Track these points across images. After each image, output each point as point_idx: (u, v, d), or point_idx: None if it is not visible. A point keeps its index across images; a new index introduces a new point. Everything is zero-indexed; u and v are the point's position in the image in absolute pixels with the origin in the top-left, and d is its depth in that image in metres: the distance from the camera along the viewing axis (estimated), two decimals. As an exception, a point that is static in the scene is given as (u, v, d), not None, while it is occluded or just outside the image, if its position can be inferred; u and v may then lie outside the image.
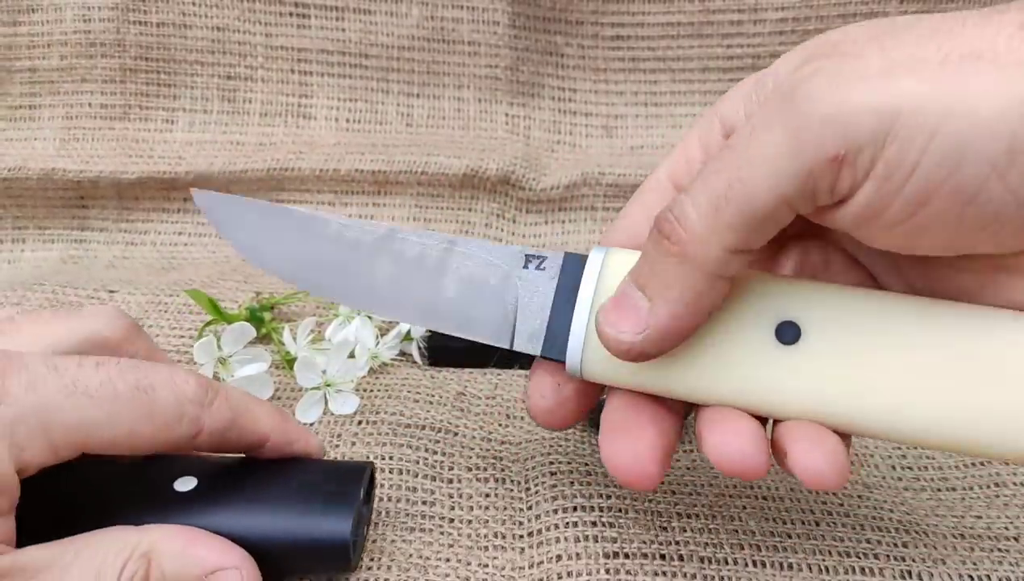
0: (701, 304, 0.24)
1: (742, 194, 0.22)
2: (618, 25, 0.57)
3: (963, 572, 0.30)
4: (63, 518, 0.29)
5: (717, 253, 0.23)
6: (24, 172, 0.55)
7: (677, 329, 0.24)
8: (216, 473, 0.30)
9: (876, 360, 0.24)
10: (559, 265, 0.27)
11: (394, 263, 0.29)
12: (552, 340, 0.27)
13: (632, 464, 0.25)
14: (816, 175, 0.22)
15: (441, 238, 0.29)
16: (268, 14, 0.57)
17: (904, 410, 0.24)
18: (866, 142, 0.21)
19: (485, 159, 0.56)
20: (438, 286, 0.28)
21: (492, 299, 0.28)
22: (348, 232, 0.29)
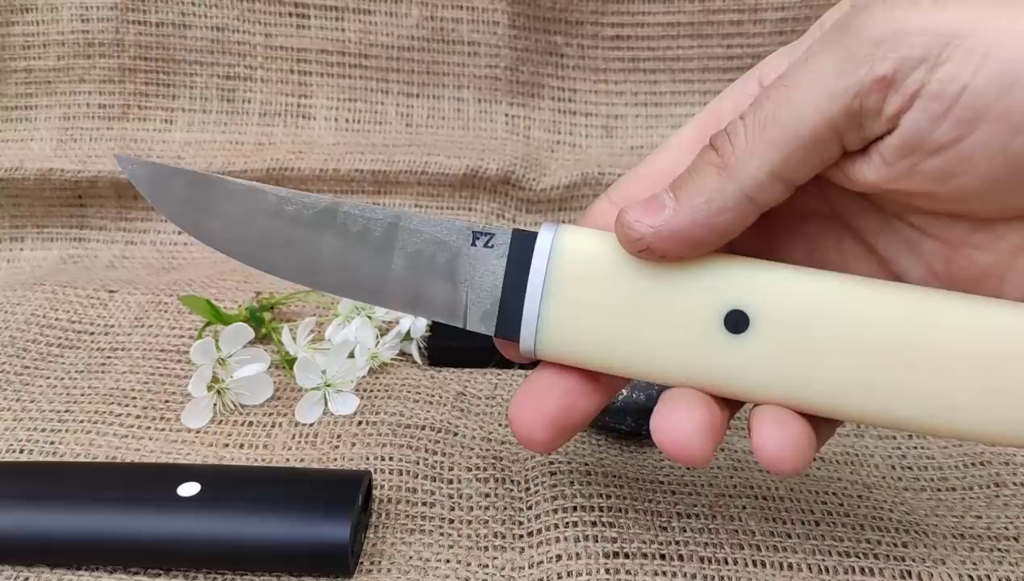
0: (720, 220, 0.24)
1: (788, 114, 0.23)
2: (618, 25, 0.57)
3: (963, 572, 0.30)
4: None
5: (755, 172, 0.23)
6: (21, 172, 0.55)
7: (689, 235, 0.24)
8: (218, 479, 0.30)
9: (826, 347, 0.24)
10: (507, 242, 0.26)
11: (338, 238, 0.27)
12: (505, 320, 0.26)
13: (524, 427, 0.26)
14: (863, 95, 0.22)
15: (386, 213, 0.27)
16: (268, 14, 0.57)
17: (855, 397, 0.24)
18: (917, 62, 0.21)
19: (485, 159, 0.56)
20: (385, 263, 0.27)
21: (442, 277, 0.27)
22: (287, 206, 0.28)
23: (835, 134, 0.23)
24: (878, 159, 0.23)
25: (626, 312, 0.25)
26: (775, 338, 0.24)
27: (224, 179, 0.29)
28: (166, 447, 0.36)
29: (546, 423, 0.26)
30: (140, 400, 0.39)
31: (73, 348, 0.44)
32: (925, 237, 0.25)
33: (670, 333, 0.25)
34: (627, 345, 0.25)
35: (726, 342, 0.25)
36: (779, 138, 0.23)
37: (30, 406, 0.39)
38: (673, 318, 0.25)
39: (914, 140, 0.22)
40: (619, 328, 0.25)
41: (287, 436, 0.37)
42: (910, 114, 0.22)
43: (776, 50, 0.28)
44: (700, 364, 0.25)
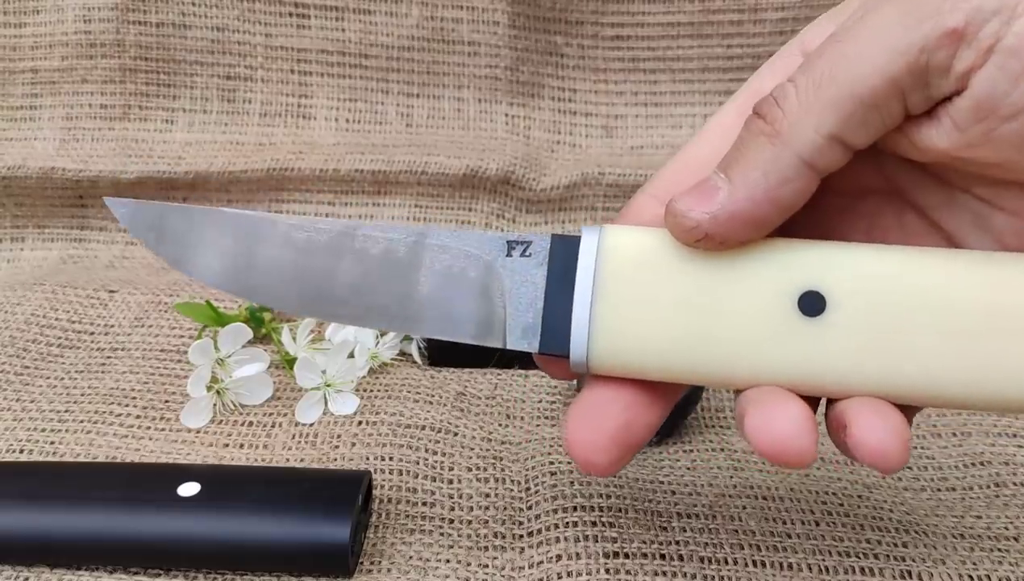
0: (782, 192, 0.22)
1: (847, 72, 0.21)
2: (618, 25, 0.57)
3: (963, 572, 0.30)
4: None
5: (812, 135, 0.21)
6: (23, 171, 0.55)
7: (750, 215, 0.22)
8: (218, 479, 0.31)
9: (909, 326, 0.22)
10: (546, 249, 0.24)
11: (356, 264, 0.25)
12: (550, 333, 0.24)
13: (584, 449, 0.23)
14: (930, 50, 0.20)
15: (409, 230, 0.25)
16: (268, 14, 0.57)
17: (944, 376, 0.22)
18: (991, 13, 0.19)
19: (485, 159, 0.56)
20: (410, 286, 0.25)
21: (475, 294, 0.25)
22: (298, 233, 0.25)
23: (898, 93, 0.21)
24: (948, 124, 0.21)
25: (687, 310, 0.23)
26: (856, 319, 0.22)
27: (223, 210, 0.27)
28: (166, 447, 0.36)
29: (608, 444, 0.23)
30: (140, 400, 0.39)
31: (73, 348, 0.44)
32: (994, 210, 0.23)
33: (739, 325, 0.23)
34: (691, 346, 0.23)
35: (802, 327, 0.22)
36: (836, 98, 0.21)
37: (30, 406, 0.39)
38: (741, 308, 0.23)
39: (989, 101, 0.20)
40: (681, 328, 0.23)
41: (287, 436, 0.37)
42: (984, 72, 0.20)
43: (778, 50, 0.27)
44: (776, 355, 0.23)
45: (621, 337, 0.23)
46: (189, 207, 0.27)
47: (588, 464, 0.24)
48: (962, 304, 0.22)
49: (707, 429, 0.38)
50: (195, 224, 0.26)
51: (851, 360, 0.22)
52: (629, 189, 0.56)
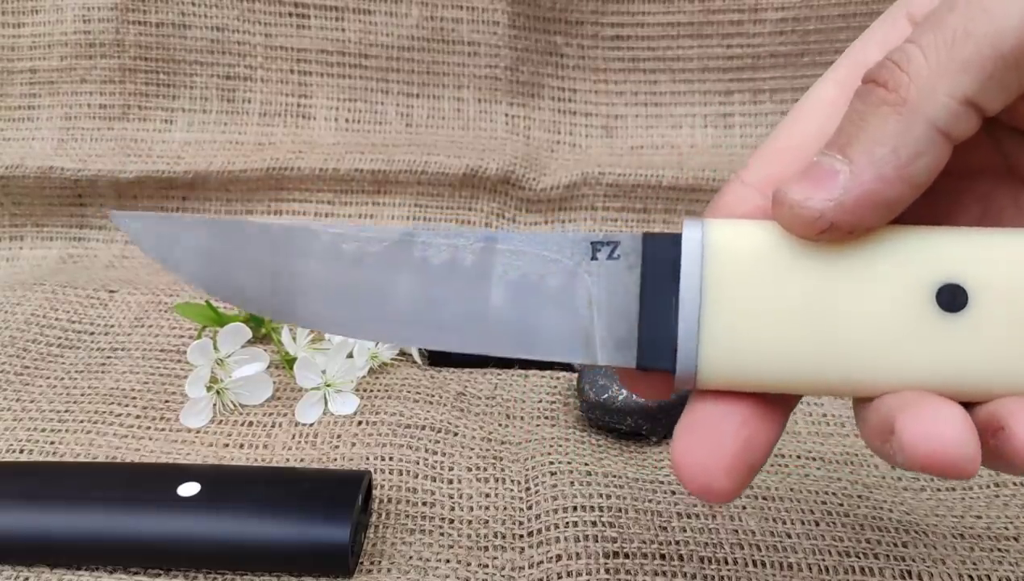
0: (915, 168, 0.19)
1: (985, 27, 0.19)
2: (618, 25, 0.57)
3: (963, 572, 0.30)
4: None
5: (945, 100, 0.19)
6: (21, 170, 0.55)
7: (881, 196, 0.20)
8: (218, 479, 0.31)
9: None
10: (638, 250, 0.22)
11: (417, 275, 0.22)
12: (650, 346, 0.21)
13: (700, 475, 0.21)
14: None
15: (476, 235, 0.22)
16: (268, 14, 0.57)
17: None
18: None
19: (485, 159, 0.56)
20: (482, 298, 0.22)
21: (557, 304, 0.22)
22: (346, 244, 0.22)
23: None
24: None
25: (809, 312, 0.21)
26: (1003, 313, 0.20)
27: (251, 221, 0.24)
28: (166, 447, 0.36)
29: (729, 466, 0.20)
30: (140, 400, 0.39)
31: (73, 348, 0.44)
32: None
33: (869, 326, 0.20)
34: (815, 352, 0.21)
35: (943, 323, 0.20)
36: (975, 56, 0.19)
37: (30, 406, 0.39)
38: (871, 307, 0.20)
39: None
40: (803, 333, 0.21)
41: (287, 436, 0.37)
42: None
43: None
44: (913, 358, 0.20)
45: (735, 347, 0.21)
46: (214, 220, 0.24)
47: (706, 491, 0.21)
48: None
49: (707, 429, 0.38)
50: (221, 239, 0.23)
51: (999, 358, 0.20)
52: (629, 189, 0.56)
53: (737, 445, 0.21)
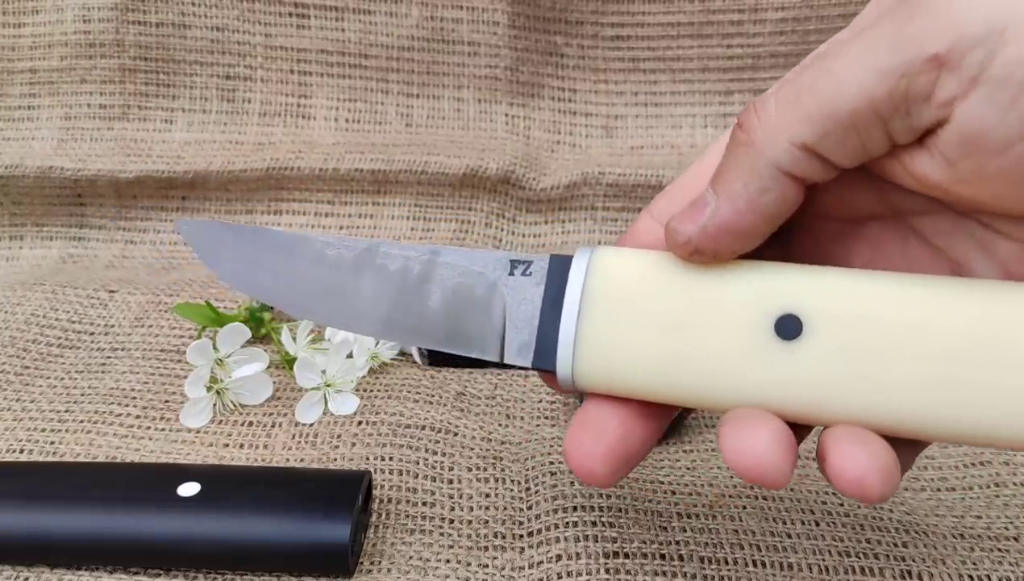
0: (763, 201, 0.22)
1: (826, 88, 0.20)
2: (618, 25, 0.57)
3: (963, 572, 0.30)
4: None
5: (786, 145, 0.21)
6: (21, 170, 0.55)
7: (737, 226, 0.22)
8: (218, 479, 0.31)
9: (889, 351, 0.21)
10: (545, 269, 0.25)
11: (377, 279, 0.27)
12: (543, 349, 0.25)
13: (584, 461, 0.24)
14: (911, 76, 0.20)
15: (424, 249, 0.27)
16: (267, 14, 0.57)
17: (924, 405, 0.21)
18: (977, 40, 0.19)
19: (485, 159, 0.56)
20: (423, 300, 0.26)
21: (479, 310, 0.26)
22: (330, 250, 0.27)
23: (878, 118, 0.20)
24: (939, 156, 0.21)
25: (669, 332, 0.23)
26: (832, 343, 0.22)
27: (269, 230, 0.28)
28: (166, 447, 0.36)
29: (606, 456, 0.24)
30: (140, 400, 0.39)
31: (73, 348, 0.44)
32: (1000, 237, 0.23)
33: (718, 348, 0.23)
34: (672, 368, 0.23)
35: (779, 351, 0.22)
36: (814, 113, 0.21)
37: (30, 406, 0.39)
38: (719, 330, 0.23)
39: (977, 134, 0.20)
40: (662, 350, 0.23)
41: (287, 436, 0.37)
42: (969, 102, 0.19)
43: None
44: (754, 379, 0.23)
45: (604, 357, 0.24)
46: (239, 226, 0.29)
47: (587, 475, 0.24)
48: (941, 332, 0.21)
49: (707, 429, 0.38)
50: (247, 242, 0.28)
51: (829, 385, 0.22)
52: (629, 189, 0.56)
53: (614, 439, 0.24)
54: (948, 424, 0.22)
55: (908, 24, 0.20)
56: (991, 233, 0.23)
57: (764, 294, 0.23)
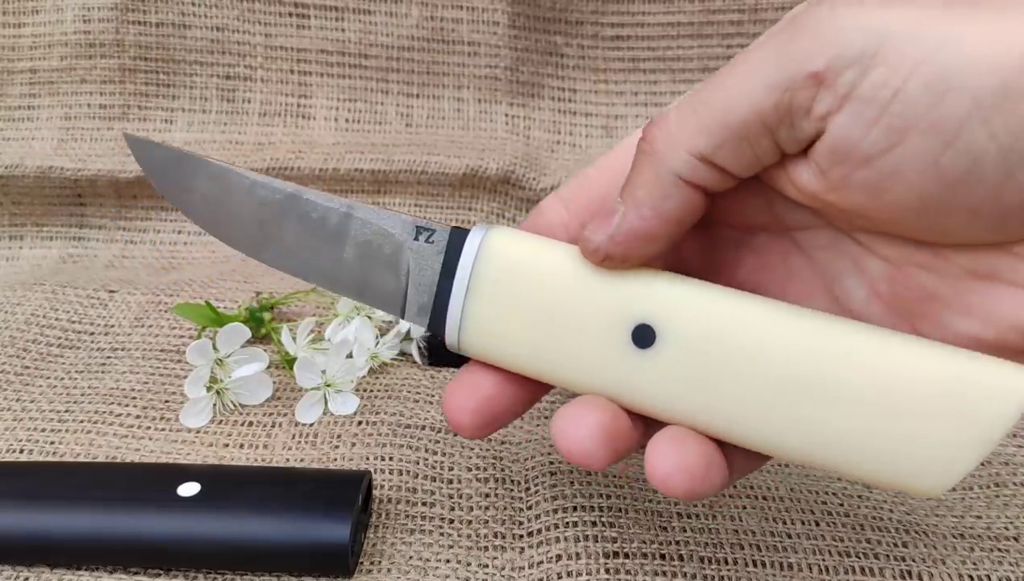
0: (665, 208, 0.23)
1: (720, 100, 0.22)
2: (618, 25, 0.57)
3: (963, 572, 0.30)
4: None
5: (684, 155, 0.23)
6: (21, 169, 0.55)
7: (643, 232, 0.24)
8: (218, 479, 0.30)
9: (725, 369, 0.23)
10: (446, 239, 0.27)
11: (300, 224, 0.28)
12: (437, 314, 0.27)
13: (455, 413, 0.26)
14: (794, 90, 0.21)
15: (342, 203, 0.28)
16: (268, 14, 0.57)
17: (755, 423, 0.23)
18: (852, 61, 0.21)
19: (485, 159, 0.56)
20: (339, 251, 0.28)
21: (386, 268, 0.27)
22: (259, 190, 0.28)
23: (766, 129, 0.22)
24: (814, 166, 0.22)
25: (542, 318, 0.25)
26: (677, 356, 0.24)
27: (207, 160, 0.29)
28: (166, 447, 0.36)
29: (474, 410, 0.26)
30: (140, 400, 0.39)
31: (73, 348, 0.44)
32: (870, 255, 0.24)
33: (581, 343, 0.25)
34: (541, 351, 0.25)
35: (633, 356, 0.24)
36: (709, 123, 0.22)
37: (30, 406, 0.39)
38: (585, 328, 0.25)
39: (844, 146, 0.21)
40: (535, 333, 0.25)
41: (287, 436, 0.37)
42: (839, 117, 0.21)
43: None
44: (608, 376, 0.25)
45: (486, 329, 0.26)
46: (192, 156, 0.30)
47: (456, 425, 0.26)
48: (776, 358, 0.23)
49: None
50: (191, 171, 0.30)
51: (673, 393, 0.24)
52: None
53: (484, 398, 0.26)
54: (773, 442, 0.23)
55: (793, 43, 0.21)
56: (862, 250, 0.24)
57: (626, 302, 0.24)
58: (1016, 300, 0.22)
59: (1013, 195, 0.21)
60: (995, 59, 0.20)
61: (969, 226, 0.22)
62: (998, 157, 0.20)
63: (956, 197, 0.21)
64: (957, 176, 0.21)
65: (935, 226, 0.22)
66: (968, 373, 0.22)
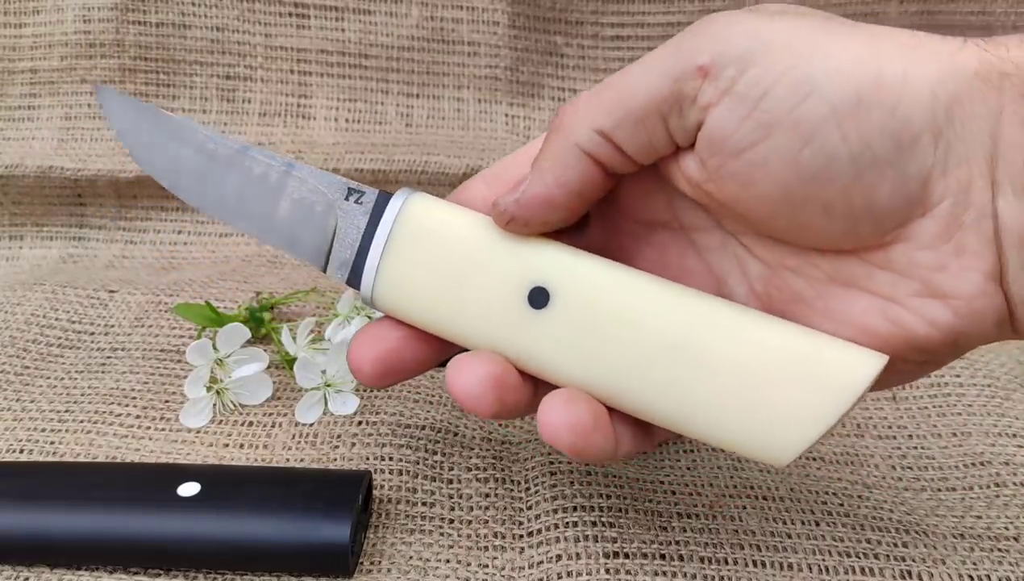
0: (567, 178, 0.25)
1: (622, 85, 0.25)
2: (618, 25, 0.57)
3: (963, 572, 0.30)
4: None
5: (586, 129, 0.25)
6: (21, 169, 0.55)
7: (545, 199, 0.26)
8: (218, 479, 0.31)
9: (610, 333, 0.25)
10: (373, 201, 0.29)
11: (242, 177, 0.30)
12: (355, 270, 0.28)
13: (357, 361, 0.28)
14: (683, 81, 0.24)
15: (283, 161, 0.30)
16: (267, 14, 0.57)
17: (632, 385, 0.25)
18: (732, 59, 0.23)
19: (485, 159, 0.56)
20: (274, 204, 0.30)
21: (316, 224, 0.29)
22: (209, 144, 0.30)
23: (659, 115, 0.24)
24: (696, 156, 0.25)
25: (450, 279, 0.27)
26: (568, 318, 0.26)
27: (168, 115, 0.31)
28: (166, 447, 0.36)
29: (376, 359, 0.28)
30: (140, 400, 0.39)
31: (73, 348, 0.44)
32: (750, 256, 0.27)
33: (482, 303, 0.27)
34: (446, 310, 0.27)
35: (528, 316, 0.26)
36: (610, 103, 0.25)
37: (30, 406, 0.39)
38: (486, 289, 0.27)
39: (719, 137, 0.23)
40: (442, 293, 0.27)
41: (287, 436, 0.37)
42: (717, 110, 0.23)
43: None
44: (505, 335, 0.26)
45: (397, 288, 0.28)
46: (155, 111, 0.31)
47: (357, 372, 0.28)
48: (652, 325, 0.25)
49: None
50: (152, 124, 0.31)
51: (563, 353, 0.26)
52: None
53: (387, 350, 0.28)
54: (648, 407, 0.26)
55: (688, 41, 0.24)
56: (745, 252, 0.27)
57: (525, 265, 0.26)
58: (868, 305, 0.24)
59: (861, 196, 0.23)
60: (853, 72, 0.22)
61: (825, 224, 0.24)
62: (848, 159, 0.22)
63: (813, 192, 0.23)
64: (813, 172, 0.23)
65: (796, 221, 0.24)
66: (820, 350, 0.24)
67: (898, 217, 0.23)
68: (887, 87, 0.22)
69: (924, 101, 0.22)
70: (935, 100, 0.22)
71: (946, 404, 0.40)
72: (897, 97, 0.22)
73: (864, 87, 0.22)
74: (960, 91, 0.22)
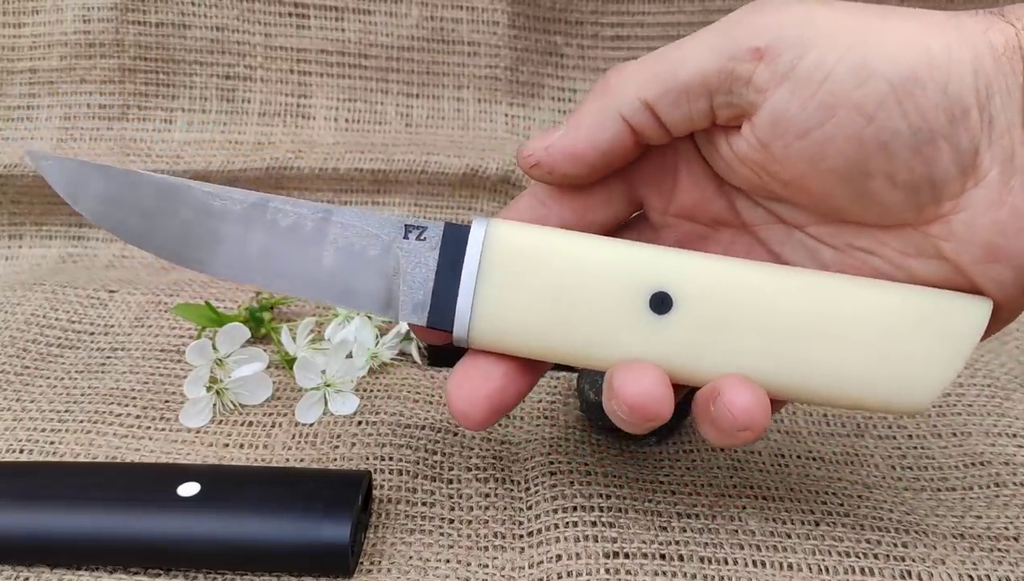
0: (599, 136, 0.26)
1: (672, 58, 0.26)
2: (618, 25, 0.57)
3: (963, 572, 0.30)
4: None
5: (630, 96, 0.26)
6: (20, 169, 0.55)
7: (572, 153, 0.26)
8: (218, 479, 0.31)
9: (741, 324, 0.26)
10: (440, 235, 0.28)
11: (266, 233, 0.28)
12: (438, 309, 0.27)
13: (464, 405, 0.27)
14: (737, 60, 0.25)
15: (316, 208, 0.28)
16: (267, 14, 0.57)
17: (768, 369, 0.26)
18: (790, 44, 0.24)
19: (485, 159, 0.56)
20: (316, 257, 0.28)
21: (373, 270, 0.28)
22: (213, 201, 0.28)
23: (706, 90, 0.25)
24: (753, 138, 0.25)
25: (556, 299, 0.26)
26: (696, 318, 0.26)
27: (141, 174, 0.28)
28: (166, 447, 0.36)
29: (484, 403, 0.27)
30: (140, 400, 0.39)
31: (73, 348, 0.44)
32: (822, 245, 0.28)
33: (599, 317, 0.26)
34: (559, 332, 0.27)
35: (652, 323, 0.26)
36: (660, 73, 0.26)
37: (30, 406, 0.39)
38: (601, 302, 0.26)
39: (784, 119, 0.25)
40: (549, 314, 0.27)
41: (287, 436, 0.37)
42: (779, 92, 0.24)
43: None
44: (629, 346, 0.26)
45: (497, 318, 0.27)
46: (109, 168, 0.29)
47: (465, 417, 0.27)
48: (783, 311, 0.26)
49: (707, 429, 0.38)
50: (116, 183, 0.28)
51: (692, 353, 0.26)
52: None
53: (494, 389, 0.27)
54: (782, 385, 0.26)
55: (741, 23, 0.25)
56: (816, 242, 0.28)
57: (641, 272, 0.26)
58: (933, 269, 0.26)
59: (921, 166, 0.24)
60: (906, 54, 0.24)
61: (889, 195, 0.25)
62: (909, 133, 0.24)
63: (876, 165, 0.25)
64: (877, 146, 0.24)
65: (862, 194, 0.25)
66: (936, 302, 0.26)
67: (954, 186, 0.25)
68: (938, 66, 0.24)
69: (968, 79, 0.24)
70: (976, 77, 0.24)
71: (946, 404, 0.40)
72: (946, 75, 0.24)
73: (919, 67, 0.23)
74: (994, 69, 0.24)
